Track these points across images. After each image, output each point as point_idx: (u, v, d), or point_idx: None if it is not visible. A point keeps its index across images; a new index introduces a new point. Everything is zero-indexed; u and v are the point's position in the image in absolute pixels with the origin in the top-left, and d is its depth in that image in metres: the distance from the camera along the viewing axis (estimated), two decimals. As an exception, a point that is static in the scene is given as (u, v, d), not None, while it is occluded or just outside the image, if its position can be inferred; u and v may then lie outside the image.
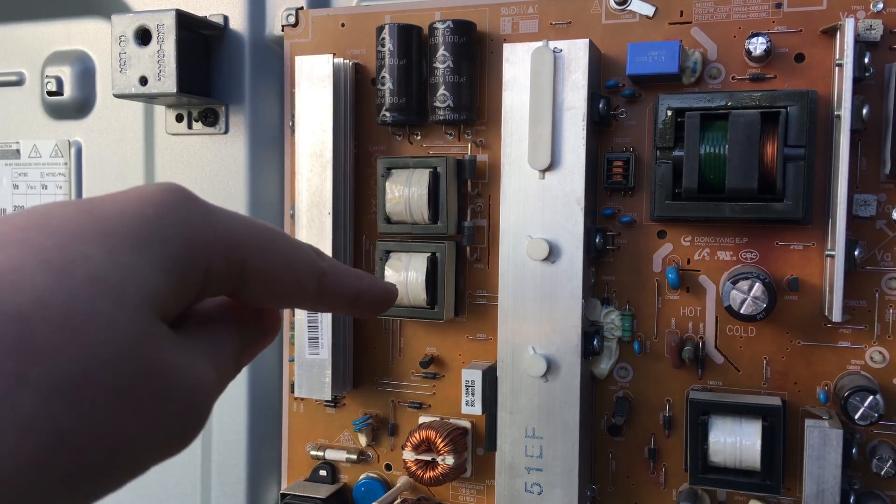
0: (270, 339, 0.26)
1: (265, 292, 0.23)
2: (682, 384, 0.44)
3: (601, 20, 0.44)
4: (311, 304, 0.25)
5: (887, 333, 0.41)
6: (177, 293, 0.20)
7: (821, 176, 0.41)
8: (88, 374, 0.16)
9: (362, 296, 0.26)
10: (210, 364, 0.21)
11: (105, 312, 0.17)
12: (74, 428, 0.16)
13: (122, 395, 0.17)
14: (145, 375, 0.18)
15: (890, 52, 0.40)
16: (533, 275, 0.43)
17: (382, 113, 0.47)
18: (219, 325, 0.23)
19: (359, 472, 0.51)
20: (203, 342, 0.22)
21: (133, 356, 0.18)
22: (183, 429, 0.20)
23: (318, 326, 0.48)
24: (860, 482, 0.42)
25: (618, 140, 0.45)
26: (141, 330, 0.18)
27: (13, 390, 0.15)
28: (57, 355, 0.16)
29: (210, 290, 0.21)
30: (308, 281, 0.24)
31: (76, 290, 0.17)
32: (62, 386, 0.16)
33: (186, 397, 0.19)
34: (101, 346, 0.17)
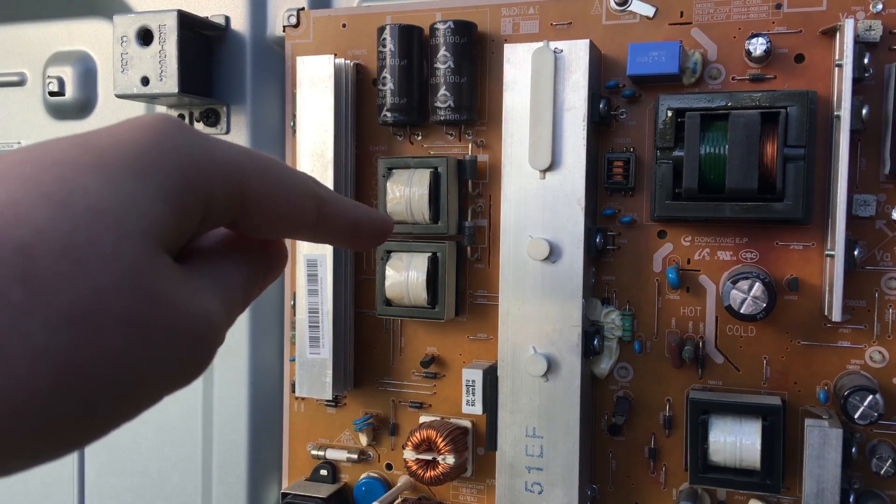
0: (277, 273, 0.26)
1: (266, 220, 0.23)
2: (682, 384, 0.44)
3: (602, 21, 0.45)
4: (311, 232, 0.25)
5: (887, 333, 0.41)
6: (178, 223, 0.19)
7: (821, 176, 0.41)
8: (94, 303, 0.16)
9: (360, 224, 0.26)
10: (217, 296, 0.21)
11: (107, 244, 0.17)
12: (85, 356, 0.16)
13: (130, 325, 0.17)
14: (151, 305, 0.18)
15: (889, 52, 0.40)
16: (533, 275, 0.43)
17: (383, 113, 0.47)
18: (224, 258, 0.23)
19: (359, 472, 0.52)
20: (209, 275, 0.22)
21: (138, 286, 0.17)
22: (192, 360, 0.20)
23: (320, 326, 0.48)
24: (860, 481, 0.42)
25: (618, 140, 0.45)
26: (144, 261, 0.18)
27: (22, 320, 0.16)
28: (62, 286, 0.16)
29: (211, 219, 0.21)
30: (307, 207, 0.24)
31: (77, 223, 0.17)
32: (70, 315, 0.16)
33: (195, 328, 0.19)
34: (105, 277, 0.17)
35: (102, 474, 0.56)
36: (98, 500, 0.56)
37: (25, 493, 0.59)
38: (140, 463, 0.55)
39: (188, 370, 0.20)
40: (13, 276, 0.16)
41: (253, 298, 0.25)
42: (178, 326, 0.19)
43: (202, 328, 0.20)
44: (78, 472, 0.57)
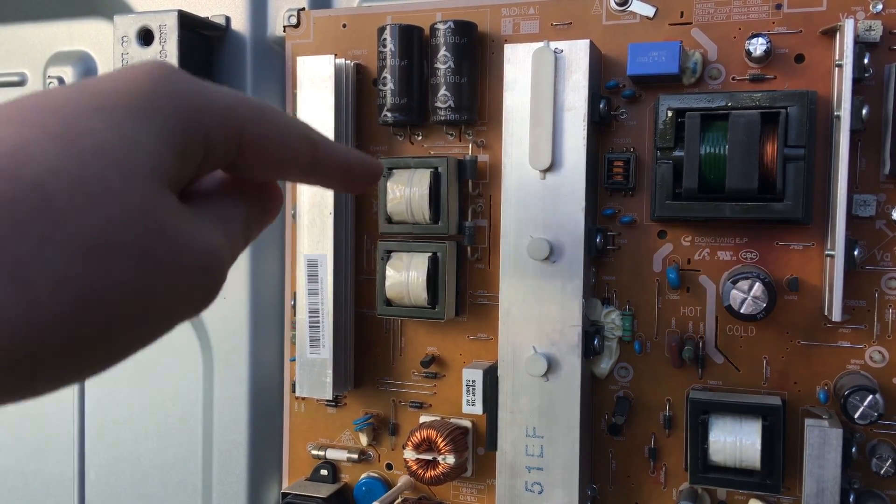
0: (273, 214, 0.27)
1: (262, 162, 0.24)
2: (682, 384, 0.44)
3: (602, 21, 0.45)
4: (306, 174, 0.26)
5: (887, 333, 0.41)
6: (179, 163, 0.20)
7: (821, 176, 0.41)
8: (108, 235, 0.17)
9: (353, 166, 0.27)
10: (220, 232, 0.22)
11: (115, 181, 0.18)
12: (103, 285, 0.17)
13: (142, 256, 0.18)
14: (161, 238, 0.19)
15: (889, 52, 0.40)
16: (534, 275, 0.43)
17: (384, 113, 0.47)
18: (223, 199, 0.24)
19: (360, 472, 0.52)
20: (211, 214, 0.23)
21: (147, 220, 0.18)
22: (202, 289, 0.21)
23: (320, 326, 0.48)
24: (860, 481, 0.42)
25: (618, 140, 0.45)
26: (151, 197, 0.19)
27: (43, 251, 0.16)
28: (77, 219, 0.17)
29: (210, 161, 0.22)
30: (302, 150, 0.25)
31: (85, 161, 0.18)
32: (87, 246, 0.17)
33: (202, 259, 0.20)
34: (116, 211, 0.18)
35: (102, 474, 0.56)
36: (98, 500, 0.57)
37: (26, 492, 0.59)
38: (140, 463, 0.55)
39: (197, 300, 0.21)
40: (31, 210, 0.16)
41: (252, 238, 0.26)
42: (185, 259, 0.20)
43: (208, 261, 0.21)
44: (78, 471, 0.57)
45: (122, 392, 0.55)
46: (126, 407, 0.55)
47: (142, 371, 0.54)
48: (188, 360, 0.53)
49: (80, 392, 0.56)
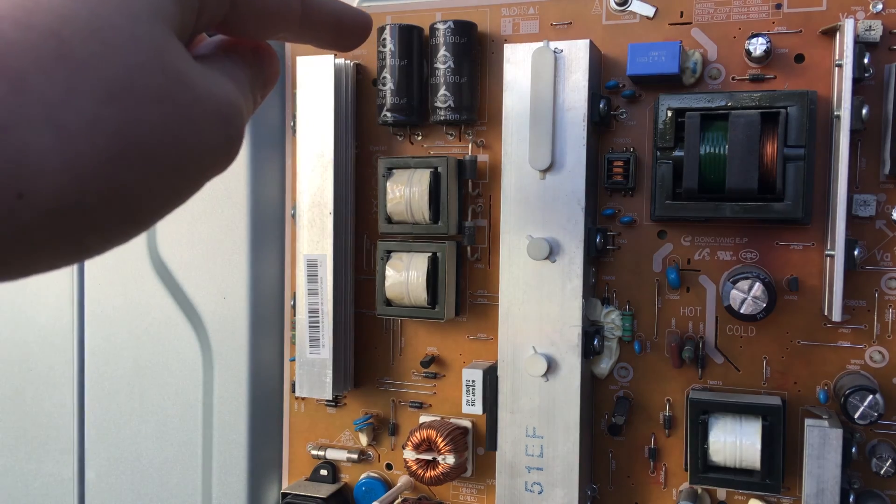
0: (274, 77, 0.27)
1: (254, 16, 0.24)
2: (682, 384, 0.44)
3: (602, 21, 0.45)
4: (297, 28, 0.26)
5: (887, 333, 0.41)
6: (179, 9, 0.20)
7: (821, 176, 0.41)
8: (129, 79, 0.17)
9: (343, 18, 0.27)
10: (234, 86, 0.22)
11: (124, 26, 0.18)
12: (135, 129, 0.18)
13: (166, 100, 0.18)
14: (180, 83, 0.19)
15: (889, 52, 0.40)
16: (533, 275, 0.43)
17: (383, 113, 0.47)
18: (225, 59, 0.24)
19: (359, 472, 0.52)
20: (219, 69, 0.23)
21: (164, 65, 0.19)
22: (226, 139, 0.21)
23: (320, 326, 0.48)
24: (860, 481, 0.42)
25: (618, 140, 0.45)
26: (163, 42, 0.19)
27: (71, 94, 0.16)
28: (98, 64, 0.17)
29: (205, 12, 0.22)
30: (292, 2, 0.25)
31: (94, 8, 0.18)
32: (111, 90, 0.17)
33: (222, 108, 0.21)
34: (132, 55, 0.18)
35: (102, 474, 0.56)
36: (98, 500, 0.57)
37: (26, 492, 0.59)
38: (140, 463, 0.55)
39: (223, 151, 0.21)
40: (51, 56, 0.16)
41: (258, 101, 0.26)
42: (206, 105, 0.20)
43: (227, 109, 0.21)
44: (78, 472, 0.57)
45: (122, 392, 0.55)
46: (126, 407, 0.55)
47: (142, 371, 0.54)
48: (188, 360, 0.53)
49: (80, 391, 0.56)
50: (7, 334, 0.58)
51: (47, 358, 0.57)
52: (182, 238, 0.52)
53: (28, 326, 0.57)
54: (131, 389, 0.55)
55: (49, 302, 0.56)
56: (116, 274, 0.54)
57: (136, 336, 0.54)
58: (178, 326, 0.53)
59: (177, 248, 0.52)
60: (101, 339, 0.55)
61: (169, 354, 0.54)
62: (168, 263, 0.52)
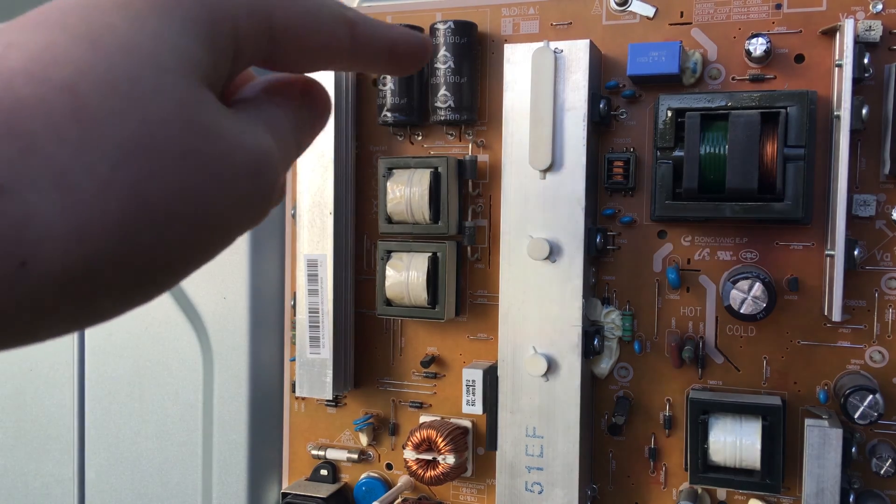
0: (324, 116, 0.25)
1: (299, 50, 0.22)
2: (682, 384, 0.44)
3: (602, 21, 0.45)
4: (347, 59, 0.24)
5: (887, 333, 0.41)
6: (211, 58, 0.19)
7: (821, 176, 0.41)
8: (148, 136, 0.17)
9: (398, 44, 0.25)
10: (268, 133, 0.21)
11: (147, 78, 0.17)
12: (152, 189, 0.17)
13: (187, 157, 0.17)
14: (204, 137, 0.18)
15: (889, 52, 0.40)
16: (534, 274, 0.43)
17: (384, 113, 0.47)
18: (267, 103, 0.23)
19: (360, 472, 0.52)
20: (256, 116, 0.22)
21: (187, 118, 0.18)
22: (255, 194, 0.20)
23: (320, 326, 0.48)
24: (860, 481, 0.42)
25: (618, 140, 0.45)
26: (188, 94, 0.18)
27: (83, 155, 0.16)
28: (114, 120, 0.16)
29: (244, 55, 0.21)
30: (340, 32, 0.23)
31: (113, 60, 0.17)
32: (128, 148, 0.16)
33: (251, 160, 0.19)
34: (153, 111, 0.17)
35: (102, 474, 0.56)
36: (98, 500, 0.57)
37: (26, 492, 0.59)
38: (140, 463, 0.55)
39: (254, 207, 0.20)
40: (65, 114, 0.16)
41: (305, 143, 0.24)
42: (234, 158, 0.19)
43: (258, 161, 0.20)
44: (78, 472, 0.57)
45: (122, 392, 0.55)
46: (126, 407, 0.55)
47: (142, 371, 0.54)
48: (188, 360, 0.53)
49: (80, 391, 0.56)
50: (7, 334, 0.57)
51: (47, 358, 0.57)
52: (182, 238, 0.52)
53: (28, 326, 0.57)
54: (131, 389, 0.55)
55: (49, 302, 0.56)
56: (116, 274, 0.53)
57: (136, 336, 0.54)
58: (178, 326, 0.53)
59: (177, 248, 0.52)
60: (101, 339, 0.55)
61: (169, 354, 0.54)
62: (168, 263, 0.52)
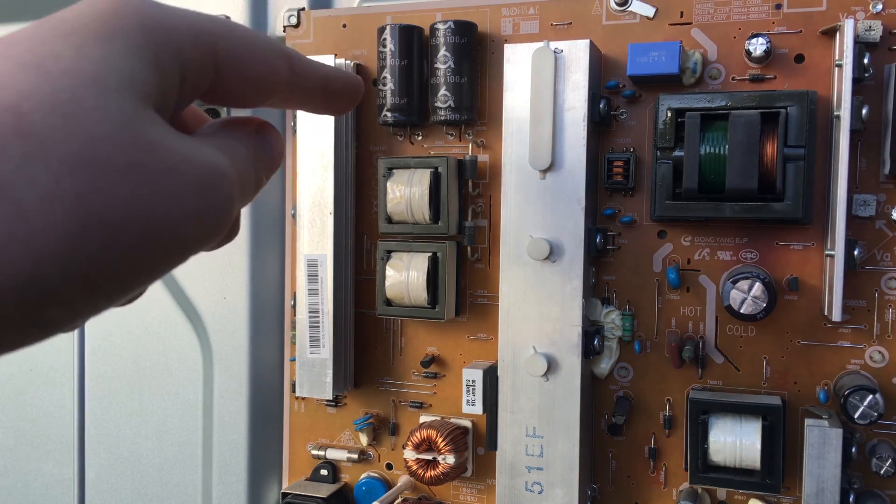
0: (279, 154, 0.26)
1: (242, 81, 0.23)
2: (682, 384, 0.44)
3: (602, 21, 0.45)
4: (286, 92, 0.25)
5: (887, 333, 0.41)
6: (155, 78, 0.20)
7: (821, 176, 0.41)
8: (91, 151, 0.17)
9: (332, 80, 0.27)
10: (223, 156, 0.21)
11: (89, 99, 0.18)
12: (97, 201, 0.17)
13: (132, 170, 0.18)
14: (149, 152, 0.18)
15: (889, 52, 0.40)
16: (534, 274, 0.43)
17: (384, 113, 0.47)
18: (225, 135, 0.23)
19: (360, 472, 0.52)
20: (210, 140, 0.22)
21: (131, 135, 0.18)
22: (207, 209, 0.20)
23: (320, 326, 0.48)
24: (860, 481, 0.42)
25: (618, 140, 0.45)
26: (131, 112, 0.18)
27: (26, 169, 0.16)
28: (57, 136, 0.17)
29: (189, 82, 0.21)
30: (279, 65, 0.24)
31: (56, 84, 0.17)
32: (72, 163, 0.17)
33: (202, 175, 0.20)
34: (96, 127, 0.17)
35: (102, 474, 0.56)
36: (98, 500, 0.57)
37: (26, 492, 0.59)
38: (140, 463, 0.55)
39: (205, 221, 0.20)
40: (8, 132, 0.16)
41: (262, 180, 0.25)
42: (183, 172, 0.19)
43: (210, 176, 0.20)
44: (78, 472, 0.57)
45: (122, 392, 0.55)
46: (126, 407, 0.55)
47: (142, 371, 0.54)
48: (188, 360, 0.53)
49: (80, 392, 0.56)
50: (7, 334, 0.57)
51: (47, 358, 0.57)
52: (182, 238, 0.52)
53: (28, 326, 0.57)
54: (131, 389, 0.55)
55: (49, 302, 0.56)
56: (116, 274, 0.53)
57: (136, 336, 0.54)
58: (178, 326, 0.53)
59: (177, 248, 0.52)
60: (101, 339, 0.55)
61: (169, 354, 0.54)
62: (168, 263, 0.52)
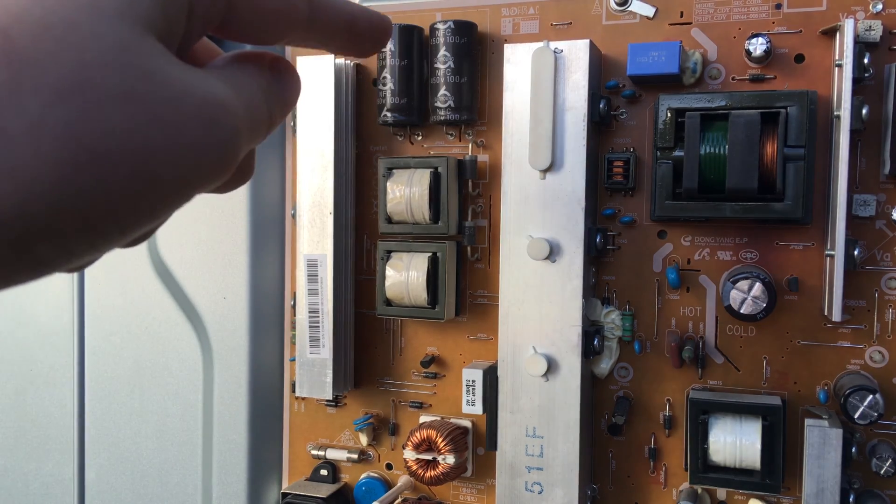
0: (294, 91, 0.25)
1: (254, 14, 0.22)
2: (682, 384, 0.44)
3: (602, 21, 0.45)
4: (305, 30, 0.23)
5: (887, 333, 0.41)
6: (160, 8, 0.19)
7: (821, 176, 0.41)
8: (83, 77, 0.16)
9: (357, 19, 0.25)
10: (231, 89, 0.20)
11: (84, 22, 0.17)
12: (88, 131, 0.16)
13: (128, 99, 0.17)
14: (148, 80, 0.17)
15: (889, 52, 0.40)
16: (533, 275, 0.43)
17: (383, 113, 0.47)
18: (235, 67, 0.22)
19: (360, 472, 0.52)
20: (217, 73, 0.21)
21: (127, 61, 0.17)
22: (210, 144, 0.19)
23: (320, 326, 0.48)
24: (860, 481, 0.42)
25: (618, 140, 0.45)
26: (128, 38, 0.17)
27: (13, 97, 0.15)
28: (47, 62, 0.16)
29: (198, 12, 0.20)
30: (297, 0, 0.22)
31: (49, 5, 0.16)
32: (62, 90, 0.16)
33: (205, 108, 0.19)
34: (89, 53, 0.16)
35: (102, 474, 0.56)
36: (98, 500, 0.56)
37: (26, 492, 0.59)
38: (140, 463, 0.55)
39: (207, 157, 0.19)
40: None
41: (278, 115, 0.24)
42: (182, 102, 0.18)
43: (214, 110, 0.19)
44: (78, 472, 0.57)
45: (122, 392, 0.55)
46: (126, 407, 0.55)
47: (142, 371, 0.54)
48: (188, 360, 0.53)
49: (80, 392, 0.56)
50: (7, 334, 0.58)
51: (47, 358, 0.57)
52: (182, 238, 0.52)
53: (28, 326, 0.57)
54: (131, 389, 0.55)
55: (49, 302, 0.56)
56: (116, 274, 0.54)
57: (136, 336, 0.54)
58: (178, 326, 0.53)
59: (177, 248, 0.52)
60: (101, 339, 0.55)
61: (169, 354, 0.54)
62: (168, 263, 0.52)
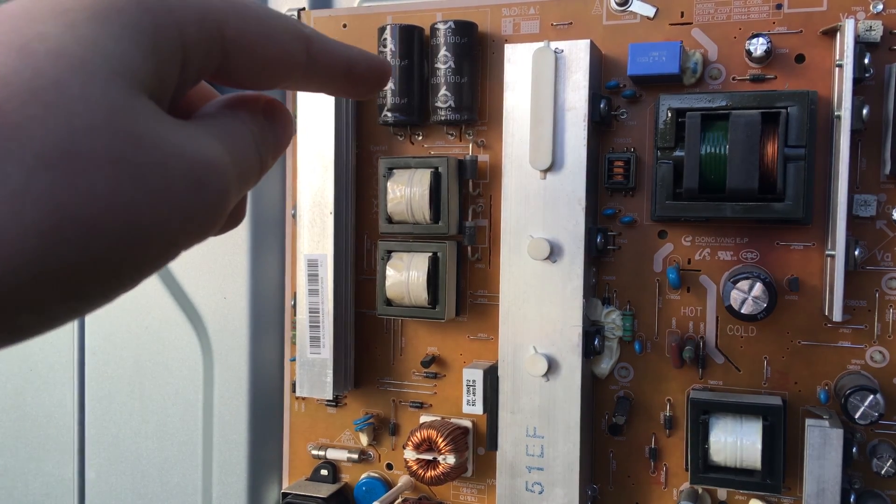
0: (287, 135, 0.24)
1: (252, 64, 0.21)
2: (682, 384, 0.44)
3: (602, 21, 0.45)
4: (303, 76, 0.23)
5: (887, 333, 0.41)
6: (153, 66, 0.18)
7: (821, 176, 0.41)
8: (70, 144, 0.16)
9: (355, 64, 0.24)
10: (220, 144, 0.20)
11: (74, 85, 0.16)
12: (72, 198, 0.16)
13: (114, 164, 0.16)
14: (135, 144, 0.17)
15: (890, 52, 0.40)
16: (534, 275, 0.43)
17: (384, 113, 0.47)
18: (227, 117, 0.22)
19: (360, 472, 0.52)
20: (208, 127, 0.21)
21: (116, 126, 0.17)
22: (199, 206, 0.19)
23: (320, 326, 0.48)
24: (860, 481, 0.42)
25: (619, 140, 0.45)
26: (119, 101, 0.17)
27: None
28: (33, 129, 0.15)
29: (193, 65, 0.20)
30: (294, 47, 0.22)
31: (38, 67, 0.16)
32: (45, 156, 0.16)
33: (192, 170, 0.18)
34: (78, 118, 0.16)
35: (102, 474, 0.56)
36: (98, 500, 0.56)
37: (25, 492, 0.59)
38: (140, 463, 0.55)
39: (195, 219, 0.19)
40: None
41: (270, 160, 0.23)
42: (170, 167, 0.18)
43: (201, 170, 0.19)
44: (78, 472, 0.57)
45: (122, 392, 0.55)
46: (126, 407, 0.55)
47: (142, 371, 0.54)
48: (188, 360, 0.53)
49: (80, 392, 0.56)
50: (7, 334, 0.57)
51: (47, 358, 0.57)
52: (182, 238, 0.52)
53: (28, 326, 0.57)
54: (131, 389, 0.55)
55: (49, 302, 0.56)
56: (117, 274, 0.53)
57: (136, 336, 0.54)
58: (178, 326, 0.53)
59: (177, 248, 0.52)
60: (101, 339, 0.55)
61: (169, 354, 0.54)
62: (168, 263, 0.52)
